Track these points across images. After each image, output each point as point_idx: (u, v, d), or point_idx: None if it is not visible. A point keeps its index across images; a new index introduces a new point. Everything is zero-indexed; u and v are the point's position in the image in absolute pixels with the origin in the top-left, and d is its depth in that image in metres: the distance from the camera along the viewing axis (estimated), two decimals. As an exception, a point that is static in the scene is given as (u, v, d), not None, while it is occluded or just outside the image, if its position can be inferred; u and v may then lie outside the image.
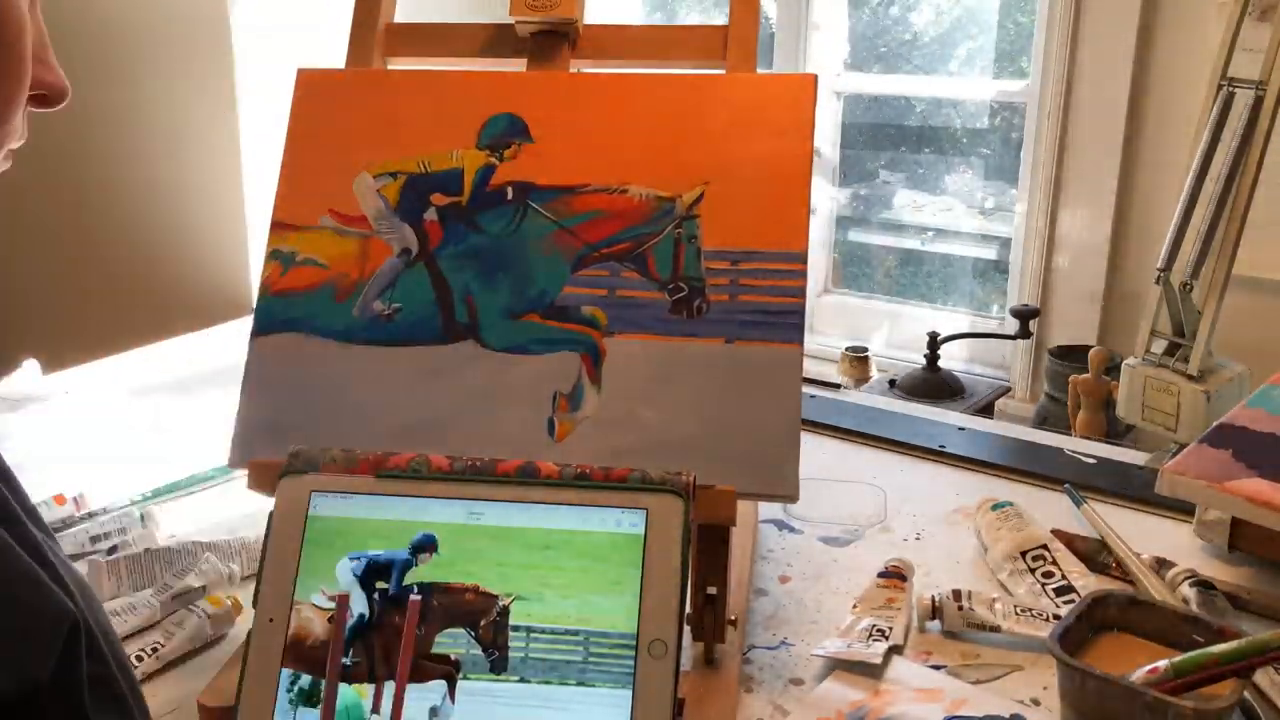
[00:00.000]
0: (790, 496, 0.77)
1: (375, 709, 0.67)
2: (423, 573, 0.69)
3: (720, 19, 1.07)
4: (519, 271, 0.85)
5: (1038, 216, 2.56)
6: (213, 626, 0.86)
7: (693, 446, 0.79)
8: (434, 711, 0.67)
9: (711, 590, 0.78)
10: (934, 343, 2.54)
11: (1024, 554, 0.95)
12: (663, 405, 0.80)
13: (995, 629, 0.86)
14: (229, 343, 1.61)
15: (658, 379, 0.81)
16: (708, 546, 0.77)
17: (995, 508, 1.02)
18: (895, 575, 0.92)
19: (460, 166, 0.88)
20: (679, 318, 0.82)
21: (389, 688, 0.68)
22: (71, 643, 0.49)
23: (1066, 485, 1.10)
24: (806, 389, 1.38)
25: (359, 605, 0.69)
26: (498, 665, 0.67)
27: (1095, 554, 0.97)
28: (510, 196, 0.86)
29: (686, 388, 0.80)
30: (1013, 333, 2.53)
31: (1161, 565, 0.94)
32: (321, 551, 0.70)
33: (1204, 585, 0.90)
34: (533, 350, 0.83)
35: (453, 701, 0.67)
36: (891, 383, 2.54)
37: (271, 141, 0.94)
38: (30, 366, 1.46)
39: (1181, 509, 1.04)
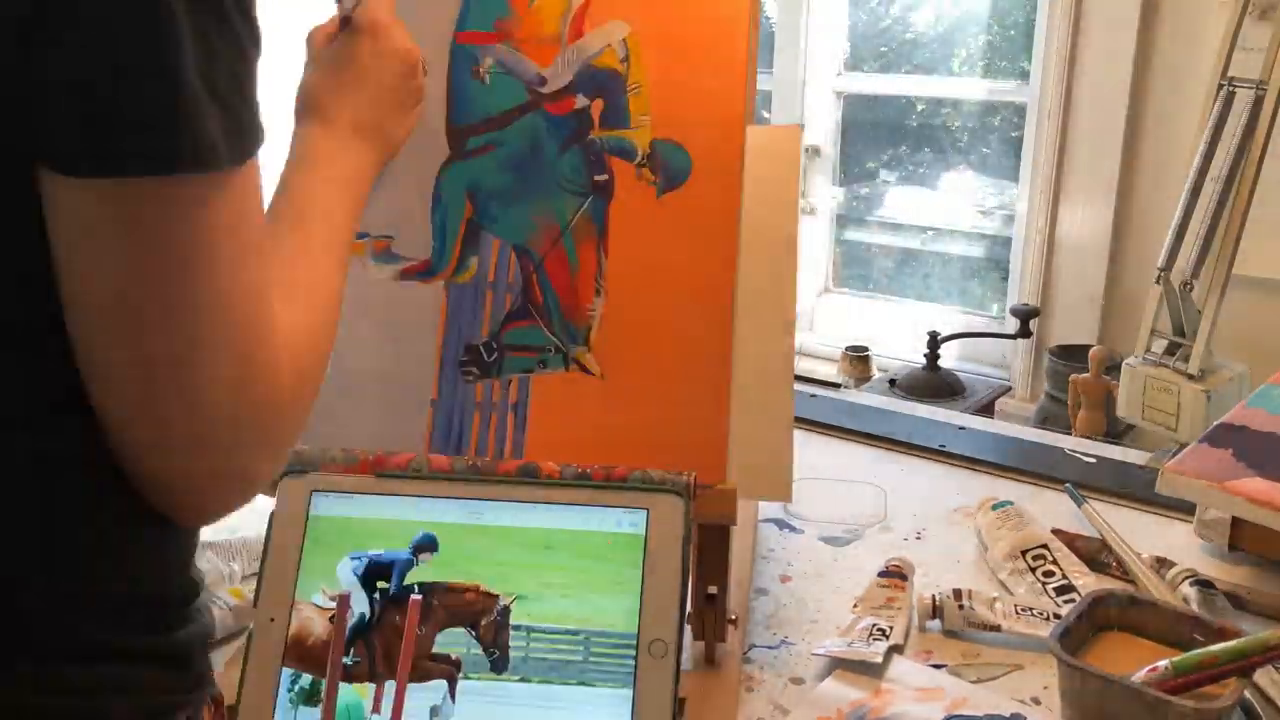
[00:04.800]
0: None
1: (376, 708, 0.67)
2: (423, 572, 0.69)
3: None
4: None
5: (1038, 216, 2.56)
6: (235, 618, 0.86)
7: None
8: (435, 711, 0.67)
9: (712, 590, 0.78)
10: (934, 342, 2.54)
11: (1024, 553, 0.95)
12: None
13: (996, 628, 0.86)
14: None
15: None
16: (708, 546, 0.77)
17: (996, 507, 1.02)
18: (896, 575, 0.92)
19: None
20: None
21: (390, 687, 0.68)
22: None
23: (1067, 485, 1.10)
24: (807, 389, 1.38)
25: (359, 605, 0.69)
26: (498, 665, 0.67)
27: (1096, 553, 0.97)
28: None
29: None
30: (1013, 332, 2.53)
31: (1162, 565, 0.94)
32: (322, 551, 0.70)
33: (1204, 585, 0.90)
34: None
35: (453, 701, 0.67)
36: (892, 382, 2.53)
37: (271, 141, 0.94)
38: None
39: (1182, 508, 1.04)
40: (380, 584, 0.69)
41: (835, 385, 1.48)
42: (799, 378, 1.26)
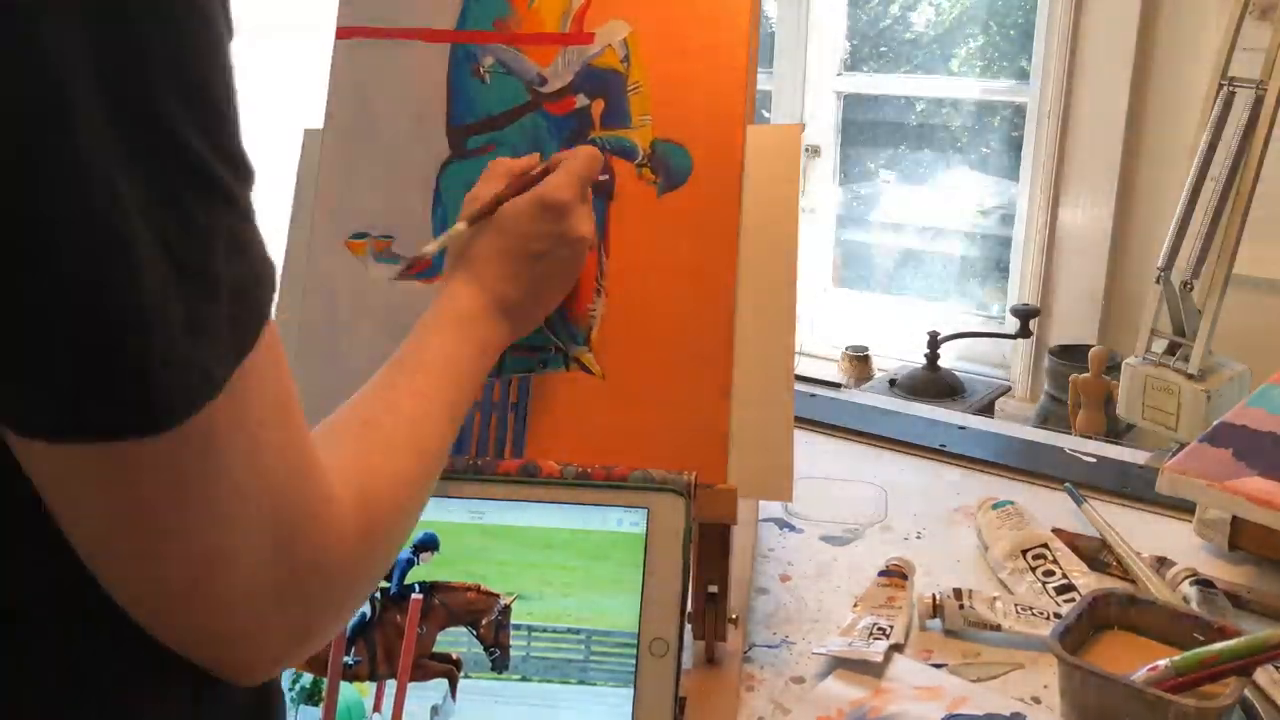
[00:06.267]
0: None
1: (377, 708, 0.67)
2: (424, 571, 0.70)
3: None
4: None
5: (1038, 215, 2.56)
6: None
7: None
8: (435, 710, 0.67)
9: (713, 589, 0.78)
10: (934, 342, 2.54)
11: (1024, 553, 0.95)
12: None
13: (996, 627, 0.86)
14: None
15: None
16: (709, 545, 0.77)
17: (996, 507, 1.02)
18: (896, 574, 0.92)
19: None
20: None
21: (390, 686, 0.68)
22: None
23: (1067, 484, 1.10)
24: (807, 389, 1.38)
25: (360, 604, 0.69)
26: (499, 664, 0.68)
27: (1096, 553, 0.97)
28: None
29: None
30: (1013, 332, 2.53)
31: (1162, 564, 0.94)
32: (323, 550, 0.70)
33: (1204, 584, 0.90)
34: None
35: (454, 700, 0.67)
36: (892, 382, 2.53)
37: (271, 142, 0.94)
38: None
39: (1182, 508, 1.04)
40: (381, 583, 0.69)
41: (835, 385, 1.48)
42: (799, 378, 1.26)
